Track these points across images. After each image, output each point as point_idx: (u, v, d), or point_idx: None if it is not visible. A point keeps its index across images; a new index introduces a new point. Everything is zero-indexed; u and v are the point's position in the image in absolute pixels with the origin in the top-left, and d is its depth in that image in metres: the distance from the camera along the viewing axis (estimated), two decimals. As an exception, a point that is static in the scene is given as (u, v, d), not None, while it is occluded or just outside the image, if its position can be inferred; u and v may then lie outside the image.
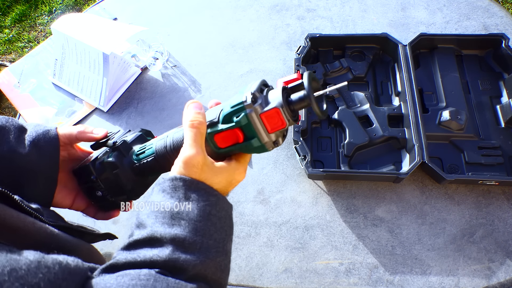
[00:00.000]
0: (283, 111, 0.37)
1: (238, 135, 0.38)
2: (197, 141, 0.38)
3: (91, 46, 0.88)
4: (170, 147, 0.43)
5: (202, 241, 0.35)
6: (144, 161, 0.45)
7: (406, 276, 0.69)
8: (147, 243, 0.34)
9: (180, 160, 0.38)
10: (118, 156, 0.46)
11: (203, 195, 0.37)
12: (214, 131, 0.39)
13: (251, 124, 0.37)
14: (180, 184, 0.37)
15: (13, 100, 1.00)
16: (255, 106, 0.37)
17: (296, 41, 0.98)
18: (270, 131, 0.37)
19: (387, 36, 0.86)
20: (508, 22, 0.95)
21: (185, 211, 0.36)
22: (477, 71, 0.86)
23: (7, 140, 0.44)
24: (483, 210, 0.73)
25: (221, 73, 0.96)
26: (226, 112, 0.38)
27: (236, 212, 0.77)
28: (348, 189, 0.77)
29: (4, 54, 2.05)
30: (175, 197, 0.36)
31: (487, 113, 0.80)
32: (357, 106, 0.84)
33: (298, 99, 0.38)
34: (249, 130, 0.37)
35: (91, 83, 0.94)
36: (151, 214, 0.36)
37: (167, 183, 0.37)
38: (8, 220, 0.35)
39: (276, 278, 0.70)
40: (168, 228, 0.34)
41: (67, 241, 0.43)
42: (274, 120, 0.37)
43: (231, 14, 1.06)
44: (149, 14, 1.09)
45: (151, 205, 0.37)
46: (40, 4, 2.18)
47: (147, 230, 0.35)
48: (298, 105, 0.38)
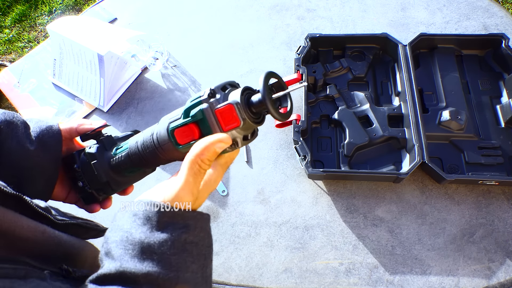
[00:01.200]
0: (237, 108, 0.35)
1: (194, 130, 0.37)
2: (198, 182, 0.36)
3: (86, 47, 0.88)
4: (141, 145, 0.42)
5: (177, 276, 0.32)
6: (119, 155, 0.44)
7: (406, 276, 0.69)
8: (117, 279, 0.31)
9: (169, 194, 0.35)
10: (99, 149, 0.46)
11: (180, 221, 0.34)
12: (175, 126, 0.38)
13: (205, 119, 0.36)
14: (154, 211, 0.33)
15: (13, 100, 1.00)
16: (211, 101, 0.36)
17: (296, 41, 0.98)
18: (224, 129, 0.36)
19: (387, 36, 0.86)
20: (508, 22, 0.95)
21: (157, 242, 0.32)
22: (477, 71, 0.86)
23: (15, 135, 0.44)
24: (483, 210, 0.73)
25: (221, 73, 0.96)
26: (186, 106, 0.37)
27: (236, 212, 0.77)
28: (348, 189, 0.77)
29: (4, 54, 2.05)
30: (147, 225, 0.33)
31: (487, 113, 0.80)
32: (357, 106, 0.84)
33: (257, 101, 0.36)
34: (205, 125, 0.36)
35: (90, 83, 0.94)
36: (120, 243, 0.32)
37: (140, 207, 0.34)
38: (18, 233, 0.35)
39: (276, 278, 0.70)
40: (139, 263, 0.31)
41: (73, 248, 0.43)
42: (228, 116, 0.35)
43: (231, 14, 1.06)
44: (149, 14, 1.09)
45: (121, 231, 0.33)
46: (40, 4, 2.18)
47: (116, 263, 0.31)
48: (257, 107, 0.36)
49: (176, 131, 0.38)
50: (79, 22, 0.97)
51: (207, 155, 0.35)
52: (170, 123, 0.38)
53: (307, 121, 0.79)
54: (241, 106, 0.35)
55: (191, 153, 0.35)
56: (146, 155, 0.41)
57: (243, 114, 0.35)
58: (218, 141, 0.35)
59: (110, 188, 0.47)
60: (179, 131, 0.37)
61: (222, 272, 0.72)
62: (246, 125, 0.36)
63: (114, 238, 0.33)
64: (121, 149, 0.45)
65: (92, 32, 0.94)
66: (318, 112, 0.84)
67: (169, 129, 0.38)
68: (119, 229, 0.33)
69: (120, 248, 0.32)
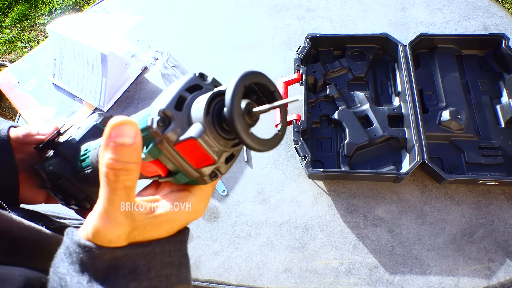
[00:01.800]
0: (204, 143, 0.24)
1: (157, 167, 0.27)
2: (118, 204, 0.24)
3: (89, 46, 0.88)
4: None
5: None
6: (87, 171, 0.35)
7: (406, 276, 0.69)
8: None
9: (90, 226, 0.25)
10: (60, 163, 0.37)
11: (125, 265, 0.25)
12: None
13: (167, 158, 0.26)
14: (88, 256, 0.25)
15: (13, 100, 1.00)
16: (166, 134, 0.24)
17: (296, 41, 0.98)
18: (196, 166, 0.26)
19: (387, 36, 0.86)
20: (508, 22, 0.95)
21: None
22: (477, 71, 0.86)
23: None
24: (483, 210, 0.73)
25: (221, 73, 0.96)
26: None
27: (236, 212, 0.78)
28: (348, 189, 0.77)
29: (4, 54, 2.05)
30: (85, 273, 0.25)
31: (487, 113, 0.80)
32: (357, 106, 0.84)
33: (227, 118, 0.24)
34: (168, 163, 0.26)
35: (91, 83, 0.94)
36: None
37: (74, 247, 0.25)
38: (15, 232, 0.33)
39: (276, 278, 0.70)
40: None
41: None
42: (196, 154, 0.25)
43: (231, 14, 1.06)
44: (149, 14, 1.09)
45: (56, 275, 0.26)
46: (40, 4, 2.18)
47: None
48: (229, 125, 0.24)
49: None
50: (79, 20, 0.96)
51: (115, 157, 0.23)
52: None
53: (307, 121, 0.79)
54: (209, 135, 0.25)
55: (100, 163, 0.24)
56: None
57: (215, 145, 0.25)
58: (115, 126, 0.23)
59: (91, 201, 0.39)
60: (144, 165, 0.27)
61: (222, 272, 0.72)
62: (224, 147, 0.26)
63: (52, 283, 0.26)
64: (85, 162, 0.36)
65: (93, 30, 0.93)
66: (318, 112, 0.84)
67: None
68: (54, 271, 0.26)
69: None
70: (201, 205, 0.28)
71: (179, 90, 0.26)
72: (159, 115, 0.24)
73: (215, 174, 0.27)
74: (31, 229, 0.36)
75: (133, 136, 0.23)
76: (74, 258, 0.25)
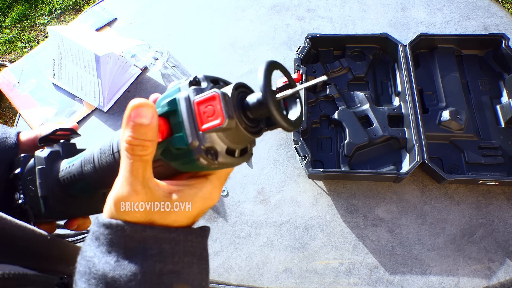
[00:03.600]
0: (224, 101, 0.25)
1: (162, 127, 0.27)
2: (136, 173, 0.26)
3: (84, 47, 0.88)
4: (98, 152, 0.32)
5: None
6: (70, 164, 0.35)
7: (406, 276, 0.69)
8: None
9: (110, 200, 0.27)
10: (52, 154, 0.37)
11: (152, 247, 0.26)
12: None
13: (179, 112, 0.26)
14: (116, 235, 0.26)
15: (13, 100, 1.00)
16: (191, 88, 0.26)
17: (296, 41, 0.98)
18: (200, 128, 0.25)
19: (387, 36, 0.86)
20: (508, 22, 0.95)
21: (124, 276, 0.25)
22: (477, 71, 0.86)
23: None
24: (483, 210, 0.73)
25: (221, 73, 0.96)
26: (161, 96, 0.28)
27: (236, 212, 0.78)
28: (348, 189, 0.77)
29: (4, 54, 2.05)
30: (113, 253, 0.26)
31: (487, 113, 0.80)
32: (357, 106, 0.84)
33: (255, 102, 0.26)
34: (176, 120, 0.26)
35: (89, 84, 0.94)
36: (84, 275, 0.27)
37: (101, 230, 0.27)
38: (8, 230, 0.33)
39: (276, 278, 0.70)
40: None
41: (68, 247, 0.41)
42: (209, 110, 0.25)
43: (231, 14, 1.06)
44: (149, 14, 1.09)
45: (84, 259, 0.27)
46: (40, 4, 2.18)
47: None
48: (255, 111, 0.26)
49: None
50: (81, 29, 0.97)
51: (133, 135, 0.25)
52: None
53: (307, 121, 0.79)
54: (230, 101, 0.25)
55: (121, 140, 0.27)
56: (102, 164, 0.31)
57: (231, 111, 0.25)
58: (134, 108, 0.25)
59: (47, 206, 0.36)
60: None
61: (222, 272, 0.72)
62: (234, 132, 0.26)
63: (79, 268, 0.28)
64: (75, 158, 0.35)
65: (91, 35, 0.94)
66: (318, 112, 0.84)
67: None
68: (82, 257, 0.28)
69: (83, 282, 0.27)
70: (215, 192, 0.29)
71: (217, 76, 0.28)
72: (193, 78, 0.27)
73: (210, 151, 0.26)
74: (24, 227, 0.35)
75: (150, 117, 0.25)
76: (101, 240, 0.26)
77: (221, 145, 0.26)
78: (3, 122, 1.81)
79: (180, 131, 0.26)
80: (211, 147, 0.26)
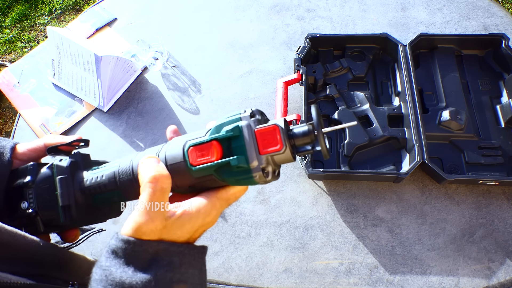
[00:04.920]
0: (282, 132, 0.31)
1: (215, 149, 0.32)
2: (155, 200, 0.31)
3: (84, 47, 0.88)
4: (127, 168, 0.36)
5: None
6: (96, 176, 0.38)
7: (406, 276, 0.69)
8: None
9: (130, 224, 0.31)
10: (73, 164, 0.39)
11: (163, 258, 0.31)
12: (192, 144, 0.33)
13: (242, 138, 0.32)
14: (134, 249, 0.30)
15: (13, 100, 1.00)
16: (252, 119, 0.32)
17: (296, 41, 0.98)
18: (261, 152, 0.31)
19: (387, 36, 0.86)
20: (508, 22, 0.95)
21: (141, 283, 0.29)
22: (477, 71, 0.86)
23: None
24: (483, 210, 0.73)
25: (221, 73, 0.96)
26: (218, 123, 0.33)
27: (236, 212, 0.78)
28: (348, 189, 0.77)
29: (4, 54, 2.05)
30: (130, 265, 0.30)
31: (487, 113, 0.80)
32: (357, 106, 0.84)
33: (301, 133, 0.33)
34: (238, 144, 0.32)
35: (89, 84, 0.94)
36: (100, 283, 0.30)
37: (117, 244, 0.31)
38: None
39: (276, 278, 0.70)
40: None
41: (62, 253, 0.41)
42: (269, 138, 0.31)
43: (231, 14, 1.06)
44: (149, 14, 1.09)
45: (100, 268, 0.31)
46: (40, 4, 2.18)
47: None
48: (300, 140, 0.33)
49: (192, 149, 0.33)
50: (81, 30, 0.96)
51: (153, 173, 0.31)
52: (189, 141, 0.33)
53: (307, 121, 0.79)
54: (285, 132, 0.32)
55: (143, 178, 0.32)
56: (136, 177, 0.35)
57: (286, 140, 0.32)
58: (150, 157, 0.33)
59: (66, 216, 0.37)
60: (196, 149, 0.32)
61: (222, 272, 0.72)
62: (283, 156, 0.32)
63: (94, 276, 0.31)
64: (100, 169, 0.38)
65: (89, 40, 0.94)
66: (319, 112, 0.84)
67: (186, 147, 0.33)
68: (99, 266, 0.31)
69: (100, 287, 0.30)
70: (214, 211, 0.34)
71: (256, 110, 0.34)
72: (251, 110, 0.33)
73: (266, 171, 0.32)
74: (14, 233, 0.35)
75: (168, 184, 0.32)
76: (119, 253, 0.30)
77: (272, 166, 0.33)
78: (3, 122, 1.81)
79: (242, 153, 0.31)
80: (266, 167, 0.32)
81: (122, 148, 0.89)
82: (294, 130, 0.33)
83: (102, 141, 0.90)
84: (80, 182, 0.38)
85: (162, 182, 0.31)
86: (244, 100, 0.91)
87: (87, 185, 0.37)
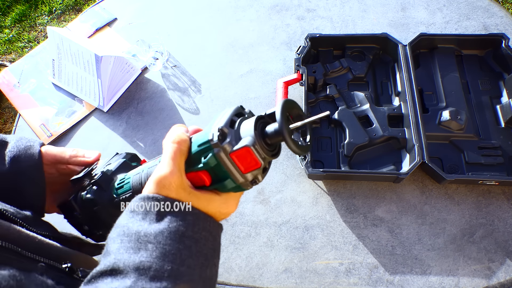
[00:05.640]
0: (255, 150, 0.32)
1: (204, 178, 0.34)
2: (175, 158, 0.34)
3: (84, 47, 0.88)
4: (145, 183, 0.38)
5: (171, 267, 0.30)
6: (123, 196, 0.41)
7: (406, 276, 0.69)
8: (109, 274, 0.30)
9: (152, 179, 0.34)
10: (97, 192, 0.43)
11: (178, 214, 0.33)
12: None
13: (221, 165, 0.33)
14: (151, 204, 0.33)
15: (13, 100, 1.00)
16: (223, 145, 0.32)
17: (296, 41, 0.98)
18: (244, 171, 0.33)
19: (387, 36, 0.86)
20: (508, 22, 0.95)
21: (154, 232, 0.31)
22: (477, 71, 0.86)
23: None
24: (483, 210, 0.73)
25: (221, 73, 0.96)
26: (194, 151, 0.35)
27: (236, 212, 0.77)
28: (348, 189, 0.77)
29: (4, 54, 2.05)
30: (146, 218, 0.32)
31: (487, 113, 0.80)
32: (357, 106, 0.84)
33: (272, 132, 0.33)
34: (220, 171, 0.34)
35: (89, 84, 0.94)
36: (117, 238, 0.32)
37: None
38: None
39: (276, 278, 0.70)
40: (133, 254, 0.30)
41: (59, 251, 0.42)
42: (247, 160, 0.32)
43: (231, 14, 1.06)
44: (149, 14, 1.09)
45: (118, 227, 0.33)
46: (40, 4, 2.18)
47: (111, 258, 0.31)
48: (273, 139, 0.33)
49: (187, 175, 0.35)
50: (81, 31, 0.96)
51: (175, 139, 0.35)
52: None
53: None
54: (258, 145, 0.32)
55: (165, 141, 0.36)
56: None
57: (261, 153, 0.33)
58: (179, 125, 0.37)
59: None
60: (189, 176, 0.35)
61: (222, 272, 0.72)
62: (265, 162, 0.34)
63: (112, 235, 0.33)
64: (122, 188, 0.42)
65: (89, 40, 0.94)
66: (318, 112, 0.84)
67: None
68: (116, 227, 0.33)
69: (116, 243, 0.32)
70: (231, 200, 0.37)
71: (230, 115, 0.34)
72: (218, 131, 0.32)
73: (255, 181, 0.34)
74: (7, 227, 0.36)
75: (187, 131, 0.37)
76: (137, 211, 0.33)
77: (260, 173, 0.34)
78: (3, 122, 1.82)
79: (227, 177, 0.34)
80: (253, 178, 0.34)
81: (122, 148, 0.88)
82: (267, 130, 0.33)
83: (102, 141, 0.90)
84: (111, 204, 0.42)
85: (183, 145, 0.35)
86: (244, 100, 0.91)
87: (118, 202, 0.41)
